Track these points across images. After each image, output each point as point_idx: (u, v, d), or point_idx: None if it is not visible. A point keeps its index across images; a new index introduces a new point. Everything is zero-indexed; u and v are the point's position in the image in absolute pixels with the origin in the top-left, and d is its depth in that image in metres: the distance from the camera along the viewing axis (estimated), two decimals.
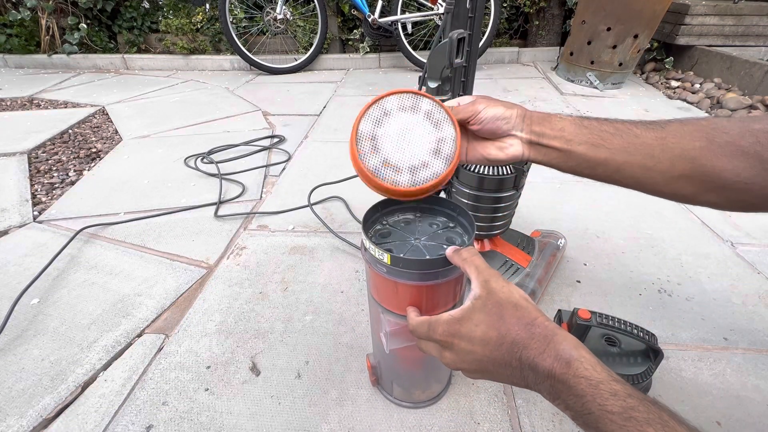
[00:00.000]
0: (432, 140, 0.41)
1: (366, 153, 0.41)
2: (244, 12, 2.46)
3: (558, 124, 0.42)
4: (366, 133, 0.41)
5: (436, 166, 0.41)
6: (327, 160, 1.32)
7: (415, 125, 0.41)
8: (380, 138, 0.41)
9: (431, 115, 0.41)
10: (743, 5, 1.96)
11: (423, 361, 0.51)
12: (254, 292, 0.78)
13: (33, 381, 0.62)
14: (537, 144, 0.43)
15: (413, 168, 0.41)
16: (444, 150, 0.41)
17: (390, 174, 0.40)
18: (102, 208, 1.07)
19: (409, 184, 0.40)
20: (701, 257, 0.85)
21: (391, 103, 0.42)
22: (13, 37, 2.66)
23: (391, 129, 0.41)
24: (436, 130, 0.41)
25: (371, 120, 0.41)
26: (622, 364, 0.54)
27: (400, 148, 0.41)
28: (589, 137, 0.41)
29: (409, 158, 0.41)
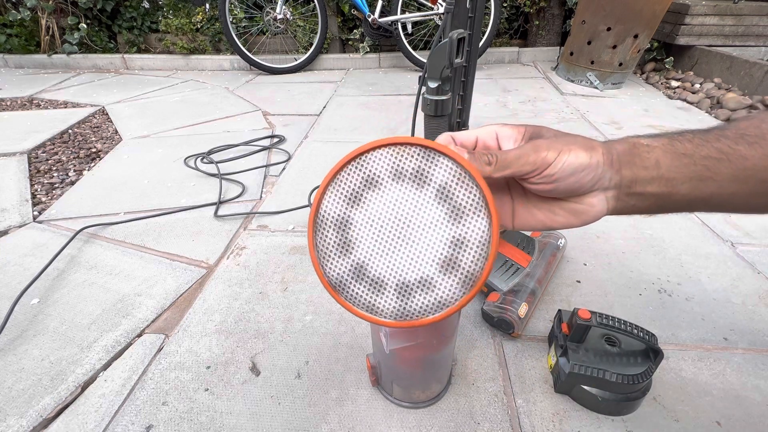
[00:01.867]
0: (444, 240, 0.25)
1: (329, 252, 0.26)
2: (244, 12, 2.46)
3: (650, 158, 0.30)
4: (332, 215, 0.26)
5: (446, 288, 0.25)
6: (327, 160, 1.31)
7: (418, 211, 0.25)
8: (354, 226, 0.26)
9: (448, 194, 0.25)
10: (743, 5, 1.96)
11: (423, 361, 0.51)
12: (254, 292, 0.78)
13: (33, 381, 0.62)
14: (627, 194, 0.31)
15: (404, 286, 0.26)
16: (462, 261, 0.25)
17: (364, 292, 0.26)
18: (102, 208, 1.07)
19: (393, 313, 0.26)
20: (701, 257, 0.85)
21: (380, 164, 0.25)
22: (13, 37, 2.66)
23: (375, 212, 0.26)
24: (454, 223, 0.25)
25: (343, 193, 0.26)
26: (622, 364, 0.54)
27: (387, 246, 0.26)
28: (693, 171, 0.30)
29: (401, 268, 0.26)
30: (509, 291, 0.68)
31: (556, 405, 0.56)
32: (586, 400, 0.55)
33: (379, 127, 1.58)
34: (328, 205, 0.26)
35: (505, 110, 1.76)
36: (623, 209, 0.32)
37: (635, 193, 0.31)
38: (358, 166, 0.26)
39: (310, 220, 0.27)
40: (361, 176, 0.26)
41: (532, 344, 0.66)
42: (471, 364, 0.63)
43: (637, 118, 1.62)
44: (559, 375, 0.56)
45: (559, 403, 0.57)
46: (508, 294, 0.67)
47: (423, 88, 0.66)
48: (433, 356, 0.51)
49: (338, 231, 0.26)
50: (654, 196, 0.31)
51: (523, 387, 0.59)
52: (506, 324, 0.64)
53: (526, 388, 0.59)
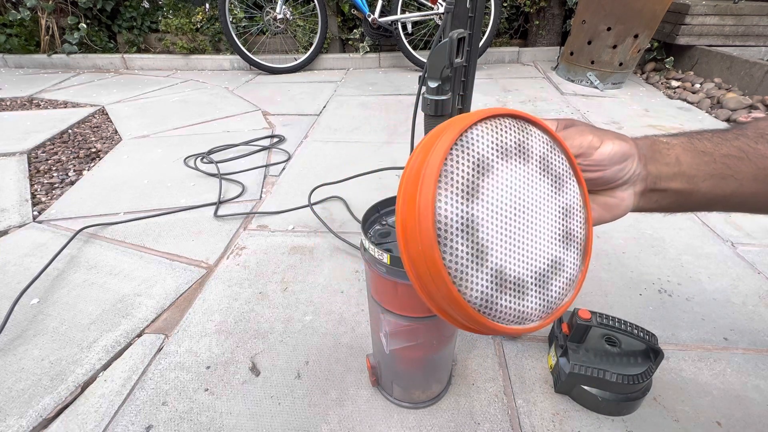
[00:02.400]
0: (557, 213, 0.23)
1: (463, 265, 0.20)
2: (243, 12, 2.46)
3: (670, 155, 0.31)
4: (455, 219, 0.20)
5: (571, 263, 0.24)
6: (327, 160, 1.31)
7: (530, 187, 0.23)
8: (481, 225, 0.21)
9: (548, 164, 0.23)
10: (743, 5, 1.96)
11: (423, 361, 0.51)
12: (254, 292, 0.78)
13: (33, 381, 0.62)
14: (651, 190, 0.31)
15: (541, 277, 0.23)
16: (575, 230, 0.24)
17: (511, 302, 0.22)
18: (102, 208, 1.07)
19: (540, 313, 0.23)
20: (701, 257, 0.85)
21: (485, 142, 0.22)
22: (13, 37, 2.66)
23: (496, 201, 0.21)
24: (559, 192, 0.23)
25: (459, 186, 0.20)
26: (623, 364, 0.54)
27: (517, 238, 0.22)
28: (713, 168, 0.30)
29: (534, 257, 0.23)
30: None
31: (556, 405, 0.56)
32: (587, 400, 0.55)
33: (379, 127, 1.58)
34: (446, 207, 0.20)
35: None
36: (646, 206, 0.32)
37: (658, 189, 0.31)
38: (464, 149, 0.21)
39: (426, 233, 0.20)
40: (471, 161, 0.21)
41: (532, 344, 0.66)
42: (471, 364, 0.63)
43: (637, 118, 1.61)
44: (560, 375, 0.56)
45: (559, 403, 0.57)
46: None
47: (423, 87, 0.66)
48: (433, 356, 0.51)
49: (467, 237, 0.20)
50: (676, 193, 0.31)
51: (523, 387, 0.59)
52: None
53: (527, 389, 0.59)
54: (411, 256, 0.21)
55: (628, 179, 0.30)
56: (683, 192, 0.31)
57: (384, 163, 1.27)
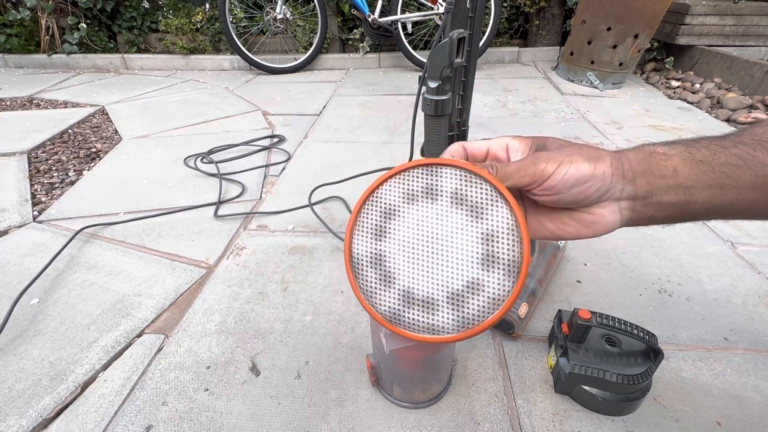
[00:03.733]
0: (474, 240, 0.26)
1: (373, 289, 0.27)
2: (243, 12, 2.46)
3: (667, 166, 0.30)
4: (364, 255, 0.27)
5: (494, 283, 0.26)
6: (327, 160, 1.31)
7: (441, 220, 0.26)
8: (389, 257, 0.27)
9: (462, 196, 0.26)
10: (743, 5, 1.96)
11: (423, 361, 0.51)
12: (254, 292, 0.78)
13: (33, 381, 0.62)
14: (643, 204, 0.30)
15: (455, 296, 0.26)
16: (499, 252, 0.25)
17: (419, 315, 0.26)
18: (102, 208, 1.07)
19: (454, 326, 0.26)
20: (701, 257, 0.85)
21: (391, 194, 0.27)
22: (13, 37, 2.66)
23: (402, 237, 0.27)
24: (478, 220, 0.26)
25: (368, 231, 0.27)
26: (623, 364, 0.54)
27: (424, 264, 0.26)
28: (712, 178, 0.29)
29: (445, 280, 0.26)
30: None
31: (556, 405, 0.56)
32: (587, 400, 0.55)
33: (379, 127, 1.58)
34: (358, 246, 0.27)
35: (505, 110, 1.75)
36: (639, 220, 0.31)
37: (653, 203, 0.30)
38: (373, 203, 0.27)
39: (347, 265, 0.28)
40: (378, 211, 0.27)
41: (532, 344, 0.66)
42: (471, 365, 0.63)
43: (637, 118, 1.61)
44: (560, 375, 0.56)
45: (559, 403, 0.57)
46: None
47: (423, 87, 0.66)
48: (433, 356, 0.51)
49: (375, 267, 0.27)
50: (672, 206, 0.30)
51: (523, 387, 0.59)
52: (506, 324, 0.64)
53: (527, 389, 0.59)
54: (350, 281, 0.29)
55: (596, 198, 0.29)
56: (680, 204, 0.30)
57: (384, 163, 1.27)
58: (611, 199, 0.30)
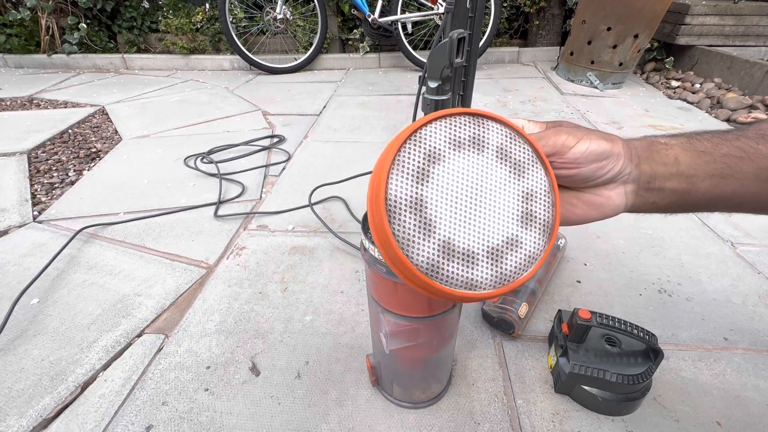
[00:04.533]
0: (516, 197, 0.26)
1: (411, 237, 0.24)
2: (243, 12, 2.46)
3: (668, 155, 0.30)
4: (403, 198, 0.24)
5: (530, 241, 0.26)
6: (327, 160, 1.31)
7: (485, 173, 0.25)
8: (430, 204, 0.24)
9: (507, 152, 0.26)
10: (743, 5, 1.96)
11: (423, 361, 0.51)
12: (254, 292, 0.78)
13: (33, 381, 0.62)
14: (646, 189, 0.31)
15: (494, 252, 0.25)
16: (537, 212, 0.26)
17: (459, 269, 0.25)
18: (102, 208, 1.07)
19: (492, 282, 0.25)
20: (701, 257, 0.85)
21: (436, 137, 0.25)
22: (13, 37, 2.66)
23: (446, 184, 0.25)
24: (519, 177, 0.26)
25: (408, 173, 0.24)
26: (623, 364, 0.54)
27: (467, 216, 0.25)
28: (713, 167, 0.30)
29: (486, 234, 0.25)
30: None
31: (556, 405, 0.56)
32: (587, 400, 0.55)
33: (380, 127, 1.58)
34: (396, 187, 0.24)
35: (506, 110, 1.75)
36: (643, 206, 0.32)
37: (654, 189, 0.31)
38: (416, 143, 0.25)
39: (379, 209, 0.24)
40: (421, 152, 0.25)
41: (532, 344, 0.66)
42: (471, 364, 0.63)
43: (637, 118, 1.62)
44: (560, 375, 0.56)
45: (559, 403, 0.57)
46: (508, 294, 0.67)
47: (423, 88, 0.66)
48: (433, 356, 0.51)
49: (415, 213, 0.24)
50: (674, 193, 0.31)
51: (523, 387, 0.59)
52: (506, 324, 0.64)
53: (526, 388, 0.59)
54: (375, 229, 0.26)
55: (612, 177, 0.30)
56: (681, 191, 0.31)
57: None
58: (619, 182, 0.31)
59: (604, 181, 0.30)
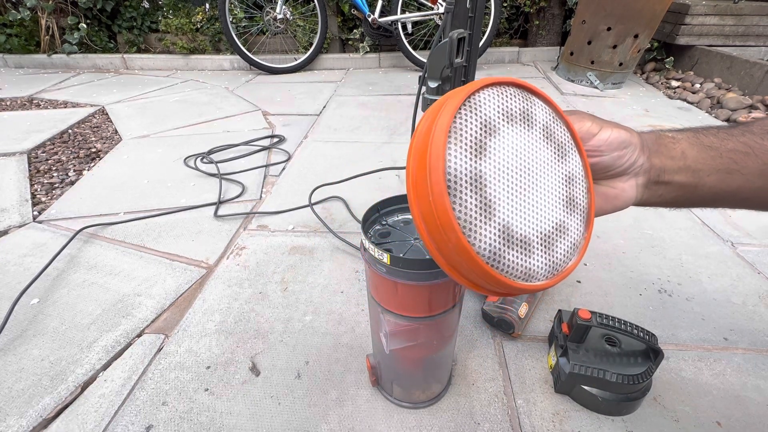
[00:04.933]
0: (560, 180, 0.24)
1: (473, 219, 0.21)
2: (243, 12, 2.46)
3: (676, 149, 0.31)
4: (464, 174, 0.21)
5: (575, 228, 0.24)
6: (327, 160, 1.31)
7: (535, 152, 0.23)
8: (489, 181, 0.21)
9: (551, 132, 0.24)
10: (743, 5, 1.96)
11: (423, 361, 0.51)
12: (254, 292, 0.78)
13: (33, 381, 0.62)
14: (655, 183, 0.31)
15: (547, 238, 0.23)
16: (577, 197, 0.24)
17: (518, 258, 0.22)
18: (102, 208, 1.07)
19: (546, 272, 0.23)
20: (701, 257, 0.85)
21: (491, 106, 0.23)
22: (13, 37, 2.66)
23: (501, 161, 0.22)
24: (562, 160, 0.24)
25: (468, 143, 0.21)
26: (623, 364, 0.54)
27: (522, 198, 0.22)
28: (719, 162, 0.30)
29: (539, 219, 0.23)
30: None
31: (556, 405, 0.56)
32: (587, 400, 0.55)
33: (380, 127, 1.58)
34: (456, 160, 0.20)
35: None
36: (650, 198, 0.32)
37: (663, 182, 0.31)
38: (472, 110, 0.22)
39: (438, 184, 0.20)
40: (478, 121, 0.22)
41: (532, 344, 0.66)
42: (471, 364, 0.63)
43: (637, 118, 1.62)
44: (560, 375, 0.56)
45: (559, 403, 0.57)
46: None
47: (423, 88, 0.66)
48: (433, 356, 0.51)
49: (476, 190, 0.21)
50: (680, 187, 0.31)
51: (523, 387, 0.59)
52: (506, 324, 0.64)
53: (527, 388, 0.59)
54: (422, 211, 0.21)
55: (628, 168, 0.30)
56: (688, 185, 0.31)
57: (384, 163, 1.27)
58: (632, 174, 0.31)
59: (620, 171, 0.30)
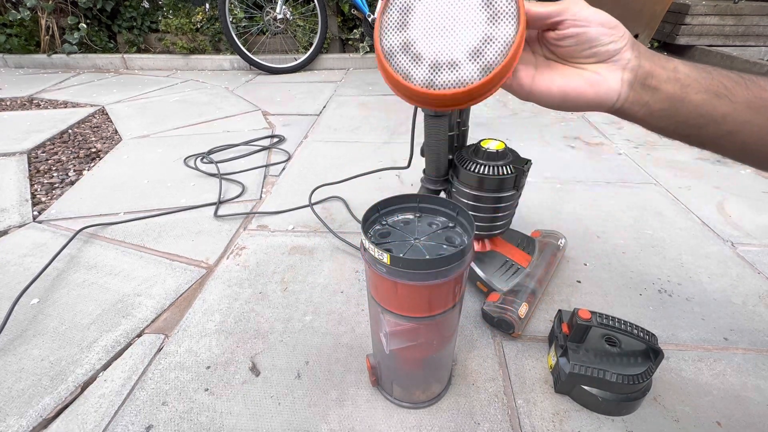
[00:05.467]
0: (476, 36, 0.31)
1: (407, 69, 0.32)
2: (243, 12, 2.46)
3: (669, 64, 0.32)
4: (394, 46, 0.32)
5: (467, 72, 0.31)
6: (327, 160, 1.31)
7: (465, 9, 0.31)
8: (415, 42, 0.32)
9: (493, 2, 0.31)
10: (743, 5, 1.96)
11: (423, 361, 0.51)
12: (254, 292, 0.78)
13: (33, 381, 0.62)
14: (642, 85, 0.32)
15: (436, 65, 0.32)
16: (486, 54, 0.31)
17: (405, 63, 0.32)
18: (102, 208, 1.07)
19: (423, 83, 0.32)
20: (701, 257, 0.85)
21: None
22: (13, 37, 2.66)
23: (421, 24, 0.32)
24: (490, 24, 0.31)
25: (392, 27, 0.32)
26: (623, 364, 0.54)
27: (432, 33, 0.32)
28: (709, 83, 0.31)
29: (437, 51, 0.31)
30: (509, 291, 0.68)
31: (556, 405, 0.56)
32: (587, 400, 0.55)
33: (380, 127, 1.58)
34: (387, 41, 0.32)
35: (506, 110, 1.76)
36: (634, 104, 0.33)
37: (650, 87, 0.32)
38: (391, 6, 0.32)
39: (381, 59, 0.32)
40: (397, 11, 0.32)
41: (532, 344, 0.66)
42: (471, 364, 0.63)
43: None
44: (560, 375, 0.56)
45: (559, 403, 0.57)
46: (508, 294, 0.67)
47: None
48: (433, 356, 0.51)
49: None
50: (668, 99, 0.32)
51: (523, 387, 0.59)
52: (506, 324, 0.64)
53: (527, 388, 0.59)
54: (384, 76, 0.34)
55: (613, 52, 0.32)
56: (675, 98, 0.32)
57: (384, 163, 1.27)
58: (618, 65, 0.32)
59: (605, 52, 0.32)
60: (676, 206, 1.03)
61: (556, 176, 1.19)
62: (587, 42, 0.32)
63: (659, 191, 1.10)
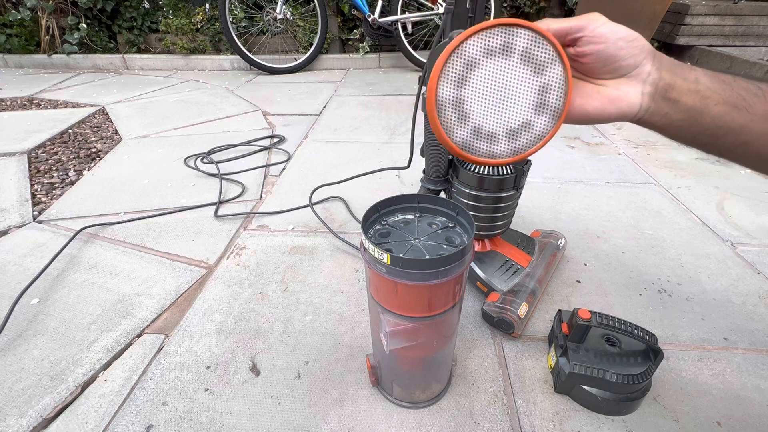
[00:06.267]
0: (533, 91, 0.33)
1: (451, 125, 0.34)
2: (244, 12, 2.46)
3: (690, 74, 0.32)
4: (447, 99, 0.33)
5: (540, 124, 0.34)
6: (327, 160, 1.31)
7: (510, 74, 0.33)
8: (467, 101, 0.33)
9: (530, 56, 0.32)
10: (743, 5, 1.96)
11: (423, 361, 0.51)
12: (254, 292, 0.78)
13: (33, 381, 0.62)
14: (662, 97, 0.32)
15: (512, 132, 0.34)
16: (550, 101, 0.33)
17: (484, 146, 0.35)
18: (102, 208, 1.07)
19: (508, 154, 0.35)
20: (701, 257, 0.85)
21: (475, 48, 0.32)
22: (13, 37, 2.66)
23: (479, 86, 0.33)
24: (537, 75, 0.32)
25: (451, 79, 0.33)
26: (622, 364, 0.54)
27: (493, 109, 0.34)
28: (729, 95, 0.31)
29: (506, 120, 0.34)
30: (509, 291, 0.68)
31: (556, 405, 0.56)
32: (587, 400, 0.55)
33: (380, 127, 1.58)
34: (442, 91, 0.33)
35: None
36: (654, 115, 0.33)
37: (671, 99, 0.32)
38: (458, 55, 0.32)
39: (431, 107, 0.34)
40: (461, 63, 0.32)
41: (532, 344, 0.66)
42: (471, 364, 0.63)
43: None
44: (559, 375, 0.56)
45: (559, 403, 0.57)
46: (508, 294, 0.67)
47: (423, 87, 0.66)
48: (433, 356, 0.51)
49: (455, 108, 0.34)
50: (687, 110, 0.32)
51: (523, 387, 0.59)
52: (506, 324, 0.64)
53: (526, 388, 0.59)
54: (430, 120, 0.35)
55: (633, 66, 0.32)
56: (694, 110, 0.32)
57: (384, 163, 1.27)
58: (639, 79, 0.33)
59: (624, 67, 0.32)
60: (676, 206, 1.03)
61: (556, 176, 1.19)
62: (606, 59, 0.32)
63: (659, 191, 1.10)
